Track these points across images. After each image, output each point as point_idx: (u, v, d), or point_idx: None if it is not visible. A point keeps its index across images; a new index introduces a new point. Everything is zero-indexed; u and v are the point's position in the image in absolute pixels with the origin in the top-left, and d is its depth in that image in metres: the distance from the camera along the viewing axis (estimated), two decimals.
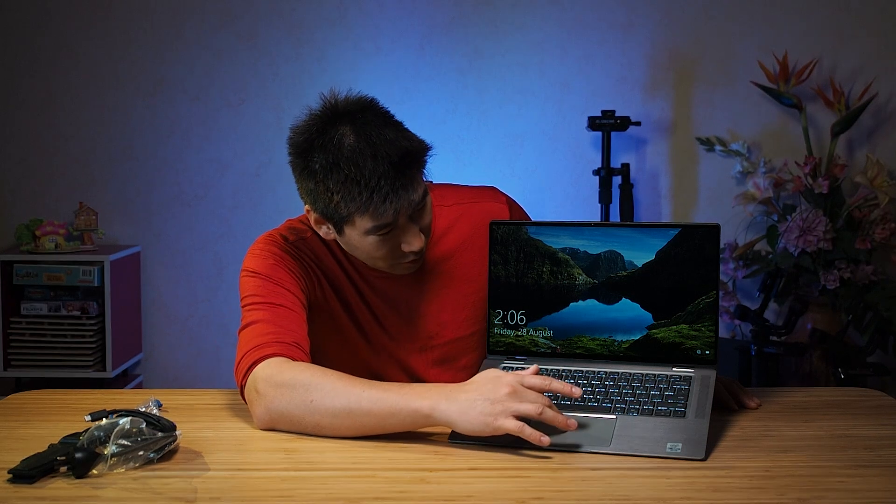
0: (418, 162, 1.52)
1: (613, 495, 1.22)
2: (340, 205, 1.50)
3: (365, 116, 1.52)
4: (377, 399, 1.39)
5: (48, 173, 3.59)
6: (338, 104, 1.53)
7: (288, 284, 1.61)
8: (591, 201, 3.54)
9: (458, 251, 1.72)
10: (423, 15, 3.55)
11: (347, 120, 1.51)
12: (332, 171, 1.49)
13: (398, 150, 1.49)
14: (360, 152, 1.48)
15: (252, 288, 1.61)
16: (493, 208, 1.74)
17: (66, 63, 3.56)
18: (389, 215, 1.50)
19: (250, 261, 1.64)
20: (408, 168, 1.50)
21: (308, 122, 1.54)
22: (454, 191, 1.78)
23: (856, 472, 1.29)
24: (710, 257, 1.53)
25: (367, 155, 1.48)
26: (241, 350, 1.53)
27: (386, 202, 1.48)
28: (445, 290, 1.71)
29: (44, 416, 1.57)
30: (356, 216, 1.52)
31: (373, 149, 1.48)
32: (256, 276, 1.61)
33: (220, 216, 3.61)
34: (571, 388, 1.39)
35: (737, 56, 3.53)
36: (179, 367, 3.66)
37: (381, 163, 1.48)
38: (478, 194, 1.77)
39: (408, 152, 1.50)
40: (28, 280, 3.32)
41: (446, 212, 1.73)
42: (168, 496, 1.22)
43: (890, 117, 3.53)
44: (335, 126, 1.51)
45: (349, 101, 1.54)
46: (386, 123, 1.52)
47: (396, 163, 1.48)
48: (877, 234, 3.27)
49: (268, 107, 3.58)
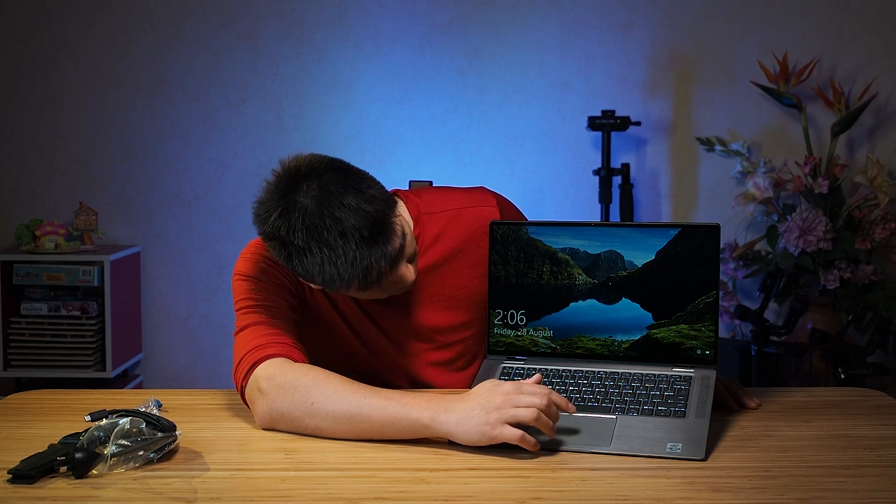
0: (388, 222, 1.49)
1: (613, 495, 1.22)
2: (325, 285, 1.50)
3: (323, 182, 1.46)
4: (378, 406, 1.40)
5: (48, 173, 3.59)
6: (291, 174, 1.48)
7: (280, 287, 1.62)
8: (591, 201, 3.54)
9: (449, 257, 1.71)
10: (423, 15, 3.55)
11: (307, 193, 1.46)
12: (307, 256, 1.46)
13: (366, 221, 1.45)
14: (328, 230, 1.44)
15: (245, 291, 1.61)
16: (484, 213, 1.72)
17: (66, 63, 3.56)
18: (374, 279, 1.50)
19: (241, 265, 1.64)
20: (380, 233, 1.47)
21: (268, 199, 1.49)
22: (442, 197, 1.76)
23: (856, 472, 1.29)
24: (710, 257, 1.53)
25: (335, 233, 1.44)
26: (239, 352, 1.54)
27: (367, 274, 1.47)
28: (439, 295, 1.70)
29: (44, 416, 1.57)
30: (342, 289, 1.51)
31: (339, 225, 1.44)
32: (249, 279, 1.62)
33: (220, 216, 3.61)
34: (568, 404, 1.39)
35: (737, 56, 3.53)
36: (179, 367, 3.66)
37: (350, 239, 1.44)
38: (467, 199, 1.75)
39: (376, 220, 1.46)
40: (28, 280, 3.32)
41: (435, 219, 1.72)
42: (168, 496, 1.22)
43: (890, 117, 3.53)
44: (296, 203, 1.46)
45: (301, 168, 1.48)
46: (346, 189, 1.46)
47: (367, 237, 1.45)
48: (877, 234, 3.27)
49: (268, 107, 3.58)
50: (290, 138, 3.58)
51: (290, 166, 1.50)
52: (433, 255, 1.70)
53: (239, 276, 1.63)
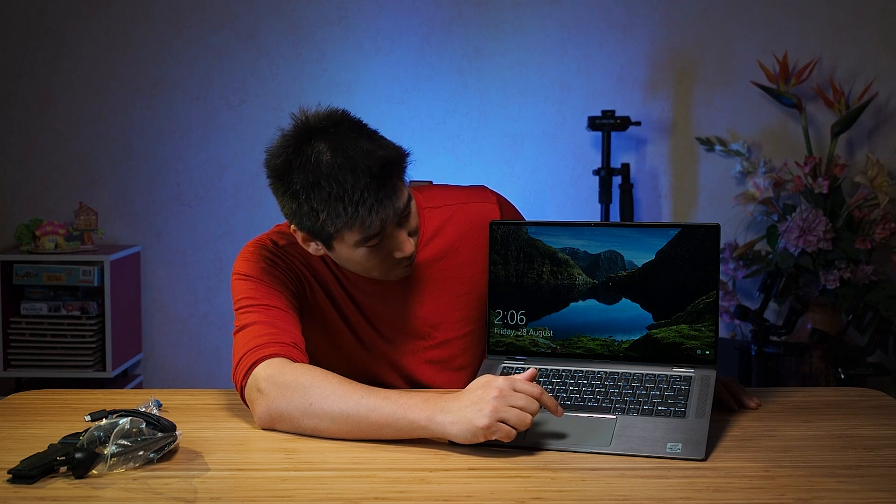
0: (398, 169, 1.52)
1: (613, 495, 1.22)
2: (327, 222, 1.50)
3: (339, 130, 1.50)
4: (375, 407, 1.40)
5: (48, 173, 3.59)
6: (309, 121, 1.52)
7: (279, 287, 1.62)
8: (591, 201, 3.54)
9: (449, 252, 1.71)
10: (423, 15, 3.55)
11: (322, 136, 1.49)
12: (314, 190, 1.48)
13: (377, 161, 1.48)
14: (339, 167, 1.47)
15: (244, 291, 1.61)
16: (484, 209, 1.73)
17: (66, 63, 3.56)
18: (377, 226, 1.50)
19: (241, 264, 1.65)
20: (388, 177, 1.49)
21: (283, 143, 1.52)
22: (443, 192, 1.77)
23: (856, 472, 1.29)
24: (710, 257, 1.53)
25: (346, 169, 1.46)
26: (238, 352, 1.54)
27: (371, 214, 1.48)
28: (437, 291, 1.71)
29: (44, 416, 1.57)
30: (344, 231, 1.51)
31: (351, 163, 1.47)
32: (248, 279, 1.62)
33: (220, 216, 3.61)
34: (557, 407, 1.39)
35: (737, 56, 3.53)
36: (179, 367, 3.66)
37: (361, 176, 1.46)
38: (468, 195, 1.76)
39: (387, 161, 1.49)
40: (28, 280, 3.32)
41: (436, 213, 1.73)
42: (168, 496, 1.22)
43: (890, 117, 3.53)
44: (310, 144, 1.49)
45: (320, 116, 1.53)
46: (360, 135, 1.51)
47: (377, 174, 1.48)
48: (877, 234, 3.27)
49: (268, 107, 3.58)
50: None
51: (306, 114, 1.53)
52: (433, 249, 1.70)
53: (238, 275, 1.63)
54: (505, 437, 1.33)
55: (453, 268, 1.71)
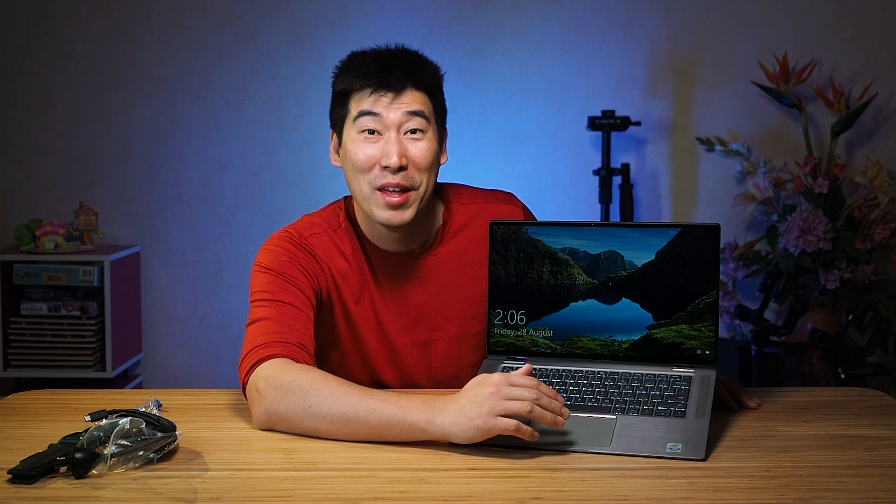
0: (414, 59, 1.67)
1: (613, 495, 1.22)
2: (337, 81, 1.65)
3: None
4: (374, 409, 1.39)
5: (48, 173, 3.59)
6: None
7: (298, 282, 1.62)
8: (591, 201, 3.54)
9: (471, 248, 1.73)
10: (423, 15, 3.55)
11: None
12: (338, 66, 1.67)
13: (398, 49, 1.67)
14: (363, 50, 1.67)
15: (262, 284, 1.61)
16: (510, 210, 1.77)
17: (66, 63, 3.56)
18: (368, 96, 1.61)
19: (263, 256, 1.65)
20: (400, 61, 1.63)
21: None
22: (471, 191, 1.82)
23: (856, 472, 1.29)
24: (710, 257, 1.53)
25: (367, 49, 1.67)
26: (245, 347, 1.54)
27: (367, 77, 1.60)
28: (454, 285, 1.72)
29: (44, 416, 1.57)
30: (350, 102, 1.62)
31: (375, 47, 1.67)
32: (268, 272, 1.62)
33: (220, 216, 3.61)
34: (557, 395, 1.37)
35: (737, 56, 3.53)
36: (179, 367, 3.66)
37: (379, 51, 1.66)
38: (495, 195, 1.81)
39: (404, 50, 1.66)
40: (28, 280, 3.32)
41: (464, 209, 1.76)
42: (168, 496, 1.22)
43: (890, 117, 3.53)
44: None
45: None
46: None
47: (390, 53, 1.65)
48: (877, 234, 3.27)
49: (268, 107, 3.58)
50: (290, 138, 3.57)
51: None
52: (457, 244, 1.73)
53: (259, 266, 1.64)
54: (508, 430, 1.33)
55: (474, 264, 1.73)
